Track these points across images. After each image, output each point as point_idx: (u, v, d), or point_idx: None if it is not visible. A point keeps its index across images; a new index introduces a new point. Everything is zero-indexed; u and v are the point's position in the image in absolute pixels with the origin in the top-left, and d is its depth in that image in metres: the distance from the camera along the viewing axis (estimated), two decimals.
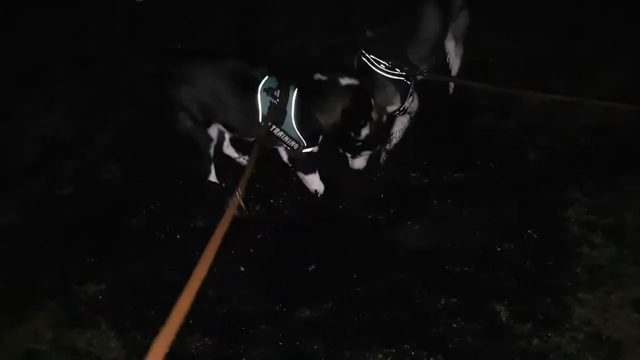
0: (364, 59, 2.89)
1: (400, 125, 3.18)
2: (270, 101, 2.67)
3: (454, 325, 2.45)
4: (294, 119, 2.71)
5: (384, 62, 2.85)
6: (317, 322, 2.53)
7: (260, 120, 2.70)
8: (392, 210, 2.97)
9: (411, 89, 2.98)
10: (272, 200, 3.07)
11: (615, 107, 2.95)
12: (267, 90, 2.68)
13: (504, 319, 2.46)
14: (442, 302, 2.54)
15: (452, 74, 3.48)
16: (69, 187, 3.24)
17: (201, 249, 2.73)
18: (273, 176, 3.17)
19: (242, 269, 2.73)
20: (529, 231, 2.79)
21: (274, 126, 2.70)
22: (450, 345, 2.38)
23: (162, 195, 3.12)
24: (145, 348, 2.34)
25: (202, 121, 2.84)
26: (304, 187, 3.07)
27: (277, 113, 2.68)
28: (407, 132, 3.23)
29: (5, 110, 3.85)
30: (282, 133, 2.74)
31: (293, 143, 2.79)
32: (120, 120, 3.69)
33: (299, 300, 2.60)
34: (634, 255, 2.65)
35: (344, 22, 4.31)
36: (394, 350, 2.38)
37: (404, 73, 2.87)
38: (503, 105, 3.57)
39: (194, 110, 2.79)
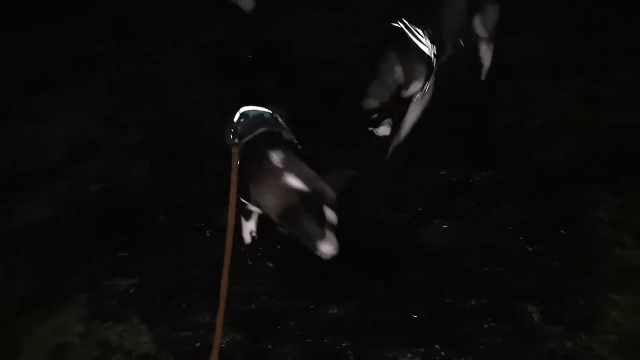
0: (401, 24, 2.86)
1: (412, 116, 3.17)
2: None
3: (484, 326, 2.43)
4: None
5: (420, 31, 2.83)
6: (345, 320, 2.52)
7: None
8: (419, 209, 2.96)
9: (434, 72, 2.98)
10: None
11: None
12: None
13: (535, 319, 2.43)
14: (472, 302, 2.52)
15: (484, 67, 3.47)
16: (97, 184, 3.27)
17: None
18: None
19: (269, 265, 2.74)
20: (559, 231, 2.77)
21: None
22: (480, 347, 2.36)
23: (190, 192, 3.15)
24: (175, 342, 2.42)
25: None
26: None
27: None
28: (430, 127, 3.22)
29: (34, 111, 3.90)
30: None
31: None
32: (146, 120, 3.72)
33: (326, 297, 2.60)
34: None
35: (358, 22, 4.32)
36: (423, 350, 2.36)
37: (434, 47, 2.87)
38: (529, 104, 3.55)
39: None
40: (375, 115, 2.92)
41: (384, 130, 3.02)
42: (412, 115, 3.17)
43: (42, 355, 2.44)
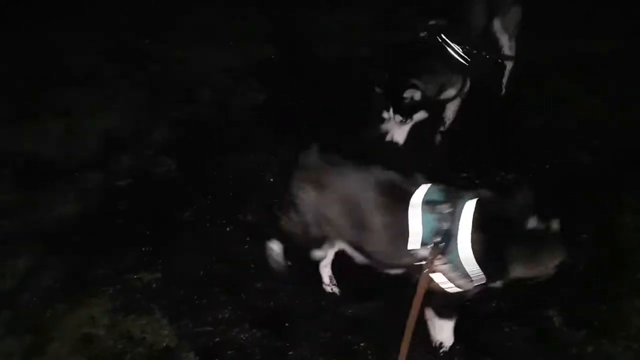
0: (440, 40, 2.92)
1: (452, 108, 3.22)
2: (435, 219, 2.01)
3: (505, 330, 2.41)
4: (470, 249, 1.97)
5: (460, 47, 2.90)
6: (364, 319, 2.53)
7: (414, 246, 2.05)
8: None
9: (468, 79, 3.06)
10: None
11: None
12: (429, 204, 2.03)
13: (556, 324, 2.40)
14: (493, 305, 2.51)
15: (507, 70, 3.45)
16: (126, 179, 3.34)
17: (250, 242, 2.83)
18: None
19: (289, 263, 2.76)
20: (584, 236, 2.72)
21: (439, 255, 2.00)
22: (500, 350, 2.35)
23: (214, 189, 3.19)
24: (197, 336, 2.46)
25: (314, 236, 2.34)
26: None
27: (444, 237, 1.99)
28: (457, 129, 3.21)
29: (65, 106, 4.00)
30: (448, 266, 2.01)
31: (460, 281, 2.04)
32: (175, 117, 3.78)
33: (346, 297, 2.62)
34: None
35: (390, 20, 4.30)
36: (441, 352, 2.36)
37: (469, 58, 2.92)
38: (556, 106, 3.50)
39: (308, 218, 2.29)
40: (414, 102, 2.90)
41: (399, 135, 3.04)
42: (453, 107, 3.25)
43: (69, 345, 2.51)
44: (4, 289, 2.76)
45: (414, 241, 2.04)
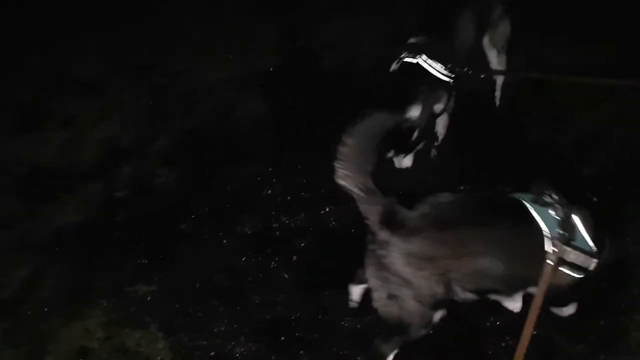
0: (418, 61, 2.89)
1: (442, 123, 3.19)
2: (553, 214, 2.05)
3: (503, 344, 2.38)
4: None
5: (439, 65, 2.86)
6: (362, 332, 2.51)
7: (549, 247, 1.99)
8: None
9: (452, 91, 3.01)
10: (317, 209, 3.08)
11: None
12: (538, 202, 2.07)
13: (555, 338, 2.37)
14: (491, 319, 2.48)
15: (497, 84, 3.44)
16: (125, 190, 3.35)
17: (247, 254, 2.83)
18: (320, 184, 3.19)
19: (286, 276, 2.75)
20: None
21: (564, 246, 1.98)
22: None
23: (211, 201, 3.19)
24: (192, 350, 2.45)
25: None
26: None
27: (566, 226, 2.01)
28: (457, 141, 3.20)
29: (67, 116, 4.03)
30: (575, 252, 2.01)
31: (587, 261, 2.04)
32: (176, 128, 3.80)
33: (342, 309, 2.60)
34: None
35: (386, 35, 4.30)
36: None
37: (453, 75, 2.89)
38: (558, 119, 3.47)
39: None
40: (413, 139, 2.92)
41: (407, 161, 3.04)
42: (443, 122, 3.22)
43: (64, 358, 2.52)
44: (2, 300, 2.77)
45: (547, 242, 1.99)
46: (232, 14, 4.90)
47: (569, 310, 2.34)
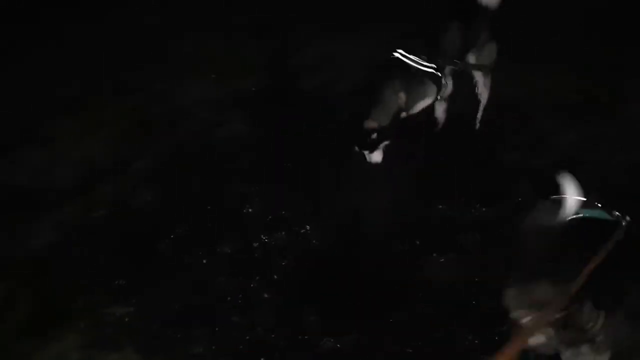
0: (397, 54, 3.03)
1: (441, 109, 3.34)
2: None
3: None
4: None
5: (416, 56, 3.00)
6: (341, 352, 2.51)
7: None
8: (417, 242, 2.96)
9: (444, 80, 3.13)
10: (297, 228, 3.09)
11: None
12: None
13: (531, 357, 2.39)
14: (469, 337, 2.50)
15: (482, 104, 3.52)
16: (102, 210, 3.32)
17: (226, 274, 2.82)
18: (300, 203, 3.20)
19: (265, 295, 2.74)
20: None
21: None
22: None
23: (190, 220, 3.18)
24: None
25: None
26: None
27: None
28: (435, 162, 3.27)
29: (46, 135, 4.00)
30: None
31: None
32: (155, 149, 3.79)
33: (322, 329, 2.59)
34: None
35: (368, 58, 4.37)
36: None
37: (434, 65, 3.02)
38: (532, 143, 3.54)
39: None
40: (374, 136, 3.03)
41: (377, 156, 3.09)
42: (441, 108, 3.38)
43: None
44: None
45: None
46: (212, 34, 4.94)
47: None
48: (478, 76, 3.40)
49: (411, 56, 3.03)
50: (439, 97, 3.21)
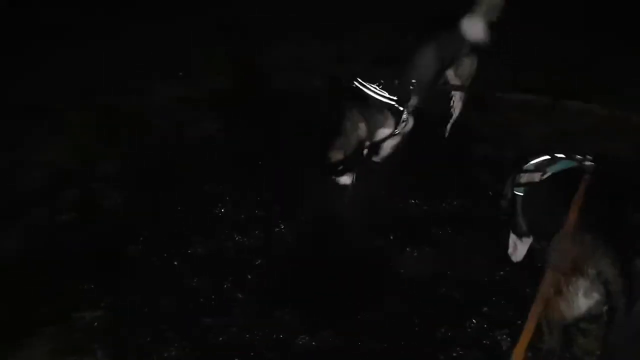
0: (357, 83, 3.03)
1: (391, 143, 3.28)
2: None
3: (454, 355, 2.41)
4: None
5: (375, 85, 2.98)
6: (317, 349, 2.49)
7: None
8: (391, 237, 2.97)
9: (404, 115, 3.09)
10: (272, 226, 3.07)
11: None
12: None
13: (504, 348, 2.42)
14: (442, 330, 2.52)
15: (453, 117, 3.53)
16: (70, 213, 3.24)
17: (199, 275, 2.78)
18: (273, 202, 3.18)
19: (239, 295, 2.71)
20: (531, 259, 2.77)
21: None
22: None
23: (161, 222, 3.13)
24: None
25: None
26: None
27: None
28: (406, 157, 3.27)
29: (12, 139, 3.90)
30: None
31: None
32: (123, 150, 3.72)
33: (298, 327, 2.58)
34: None
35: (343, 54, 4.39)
36: None
37: (394, 97, 3.00)
38: (502, 136, 3.59)
39: None
40: (340, 167, 3.05)
41: (345, 179, 3.09)
42: (392, 142, 3.30)
43: None
44: None
45: None
46: (181, 33, 4.88)
47: None
48: (455, 92, 3.42)
49: (370, 85, 3.03)
50: (396, 131, 3.17)
